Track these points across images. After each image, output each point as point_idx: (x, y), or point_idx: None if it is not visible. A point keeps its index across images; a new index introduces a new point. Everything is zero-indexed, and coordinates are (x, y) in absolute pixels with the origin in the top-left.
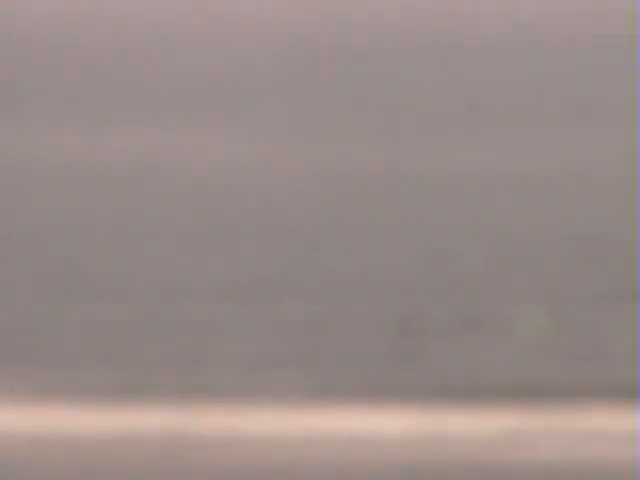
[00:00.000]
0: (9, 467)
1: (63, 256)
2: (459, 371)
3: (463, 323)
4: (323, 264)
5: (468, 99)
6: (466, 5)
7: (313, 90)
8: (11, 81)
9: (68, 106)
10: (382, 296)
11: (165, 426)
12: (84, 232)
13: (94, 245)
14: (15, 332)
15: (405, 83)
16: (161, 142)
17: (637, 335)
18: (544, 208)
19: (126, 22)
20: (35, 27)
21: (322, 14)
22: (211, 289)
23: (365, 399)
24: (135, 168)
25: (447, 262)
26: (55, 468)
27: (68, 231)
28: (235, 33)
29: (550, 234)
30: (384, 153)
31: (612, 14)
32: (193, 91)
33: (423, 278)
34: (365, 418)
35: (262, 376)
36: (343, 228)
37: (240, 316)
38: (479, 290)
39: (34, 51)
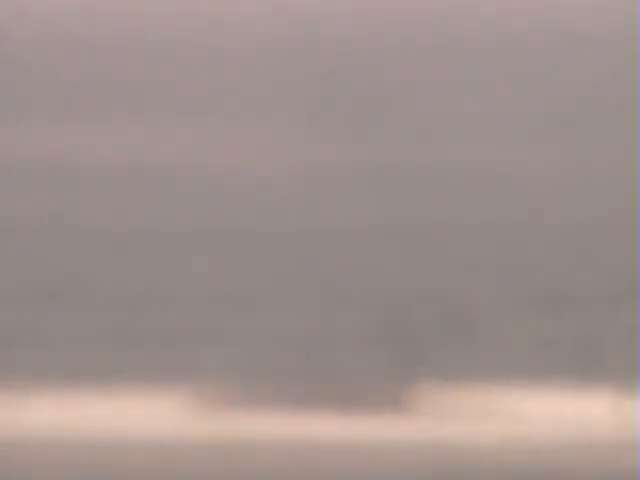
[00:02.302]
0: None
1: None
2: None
3: (457, 330)
4: (317, 268)
5: (468, 98)
6: (466, 4)
7: (314, 89)
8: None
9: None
10: (373, 302)
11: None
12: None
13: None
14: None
15: (406, 81)
16: (159, 141)
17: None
18: (542, 208)
19: (125, 21)
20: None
21: (323, 12)
22: (198, 296)
23: (358, 407)
24: (134, 168)
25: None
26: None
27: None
28: (237, 31)
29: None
30: (374, 151)
31: (612, 13)
32: (193, 90)
33: (416, 283)
34: (359, 426)
35: (253, 385)
36: (333, 231)
37: (226, 326)
38: (474, 295)
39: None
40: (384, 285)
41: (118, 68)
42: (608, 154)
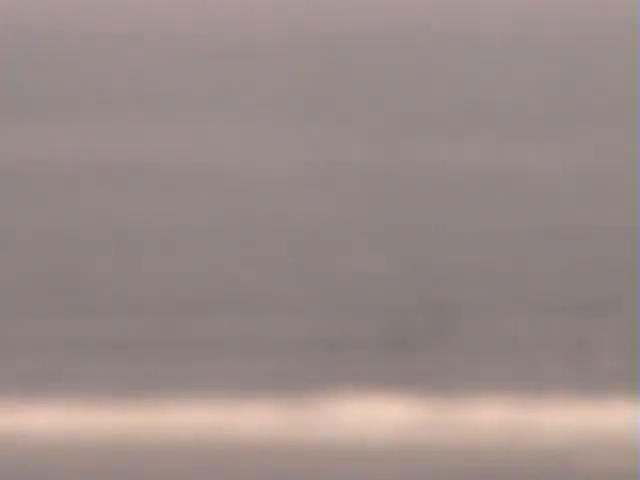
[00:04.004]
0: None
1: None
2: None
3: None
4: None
5: (467, 96)
6: (467, 2)
7: (313, 88)
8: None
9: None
10: (370, 307)
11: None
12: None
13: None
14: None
15: (405, 80)
16: (159, 141)
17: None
18: (540, 210)
19: (126, 21)
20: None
21: (323, 12)
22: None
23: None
24: (134, 168)
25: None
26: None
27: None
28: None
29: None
30: (374, 151)
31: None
32: (194, 90)
33: (412, 286)
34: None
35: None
36: (326, 232)
37: (223, 331)
38: (472, 297)
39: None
40: (383, 287)
41: (118, 67)
42: (608, 155)
